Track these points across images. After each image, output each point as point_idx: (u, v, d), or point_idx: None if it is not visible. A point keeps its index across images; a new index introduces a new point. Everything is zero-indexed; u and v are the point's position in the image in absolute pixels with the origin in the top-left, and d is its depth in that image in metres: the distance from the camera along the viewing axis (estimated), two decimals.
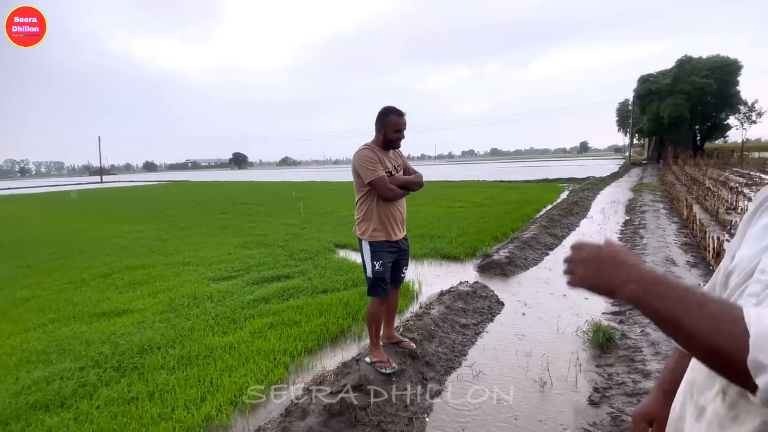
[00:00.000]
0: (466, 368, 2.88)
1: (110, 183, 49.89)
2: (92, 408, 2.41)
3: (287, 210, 12.03)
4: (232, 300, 4.15)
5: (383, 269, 2.56)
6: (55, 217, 13.35)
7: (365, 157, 2.49)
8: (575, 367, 2.81)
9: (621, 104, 56.08)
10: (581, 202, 10.75)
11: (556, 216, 8.17)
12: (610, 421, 2.24)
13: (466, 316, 3.59)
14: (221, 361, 2.89)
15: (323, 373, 2.56)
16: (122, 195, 24.11)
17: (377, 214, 2.55)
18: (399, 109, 2.55)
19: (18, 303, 4.51)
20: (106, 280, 5.12)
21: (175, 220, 10.87)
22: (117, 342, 3.25)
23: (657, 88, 34.35)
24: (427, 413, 2.37)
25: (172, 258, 6.15)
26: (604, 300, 4.05)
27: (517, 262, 5.21)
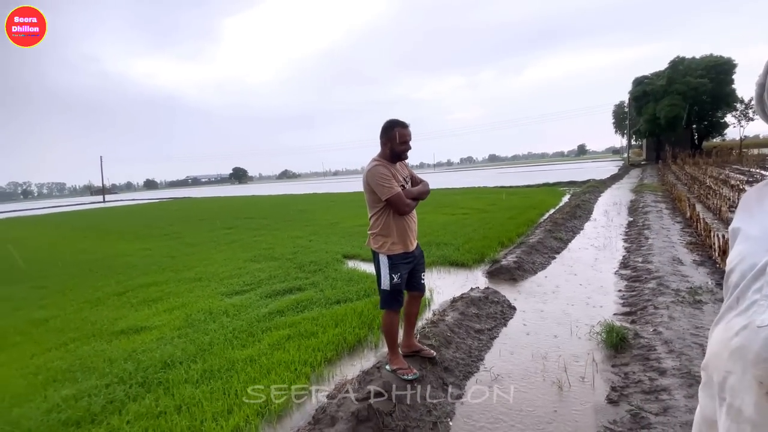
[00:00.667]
0: (484, 372, 2.93)
1: (113, 202, 50.18)
2: (123, 423, 2.47)
3: (291, 223, 12.13)
4: (247, 314, 4.21)
5: (401, 281, 2.61)
6: (62, 238, 13.47)
7: (380, 174, 2.52)
8: (591, 367, 2.86)
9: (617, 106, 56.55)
10: (583, 205, 10.84)
11: (560, 220, 8.25)
12: (630, 419, 2.29)
13: (480, 322, 3.65)
14: (244, 373, 2.95)
15: (346, 381, 2.63)
16: (126, 213, 24.27)
17: (395, 227, 2.59)
18: (403, 121, 2.61)
19: (37, 323, 4.58)
20: (121, 299, 5.20)
21: (182, 236, 10.97)
22: (139, 358, 3.32)
23: (652, 90, 34.70)
24: (450, 417, 2.43)
25: (183, 274, 6.23)
26: (614, 301, 4.12)
27: (526, 267, 5.28)
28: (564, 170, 38.36)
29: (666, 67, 35.23)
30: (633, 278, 4.69)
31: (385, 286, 2.62)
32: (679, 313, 3.50)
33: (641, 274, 4.73)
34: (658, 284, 4.25)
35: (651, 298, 3.94)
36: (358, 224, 10.50)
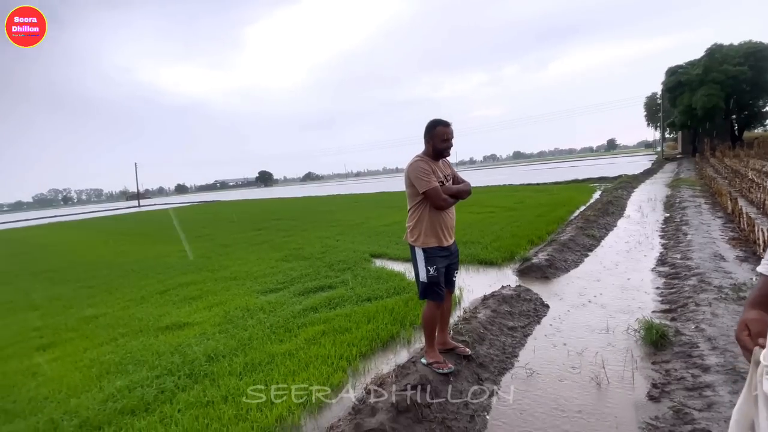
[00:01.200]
0: (519, 368, 2.94)
1: (147, 207, 52.42)
2: (174, 411, 2.63)
3: (318, 224, 12.35)
4: (282, 310, 4.36)
5: (437, 273, 2.67)
6: (103, 241, 14.22)
7: (420, 168, 2.62)
8: (630, 364, 2.81)
9: (649, 98, 54.33)
10: (616, 201, 10.52)
11: (591, 217, 8.05)
12: (673, 415, 2.25)
13: (513, 319, 3.64)
14: (283, 366, 3.07)
15: (383, 375, 2.69)
16: (160, 217, 25.32)
17: (429, 221, 2.67)
18: (445, 120, 2.70)
19: (87, 320, 4.89)
20: (164, 297, 5.48)
21: (215, 238, 11.38)
22: (185, 352, 3.50)
23: (687, 80, 33.12)
24: (486, 411, 2.45)
25: (219, 274, 6.49)
26: (652, 299, 4.01)
27: (558, 265, 5.20)
28: (593, 166, 37.19)
29: (702, 56, 33.56)
30: (672, 275, 4.55)
31: (423, 278, 2.70)
32: (723, 310, 3.38)
33: (681, 270, 4.58)
34: (699, 281, 4.11)
35: (692, 295, 3.81)
36: (382, 224, 10.59)
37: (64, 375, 3.41)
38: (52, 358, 3.84)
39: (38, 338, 4.50)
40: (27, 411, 2.86)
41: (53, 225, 30.49)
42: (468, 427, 2.27)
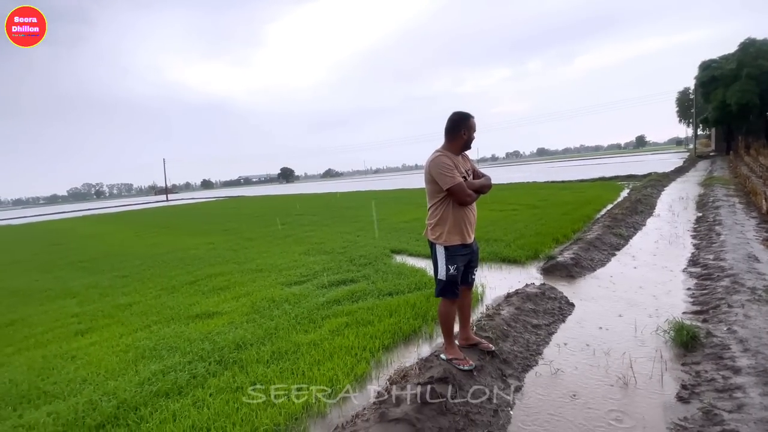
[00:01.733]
0: (543, 366, 2.92)
1: (175, 201, 54.13)
2: (206, 395, 2.75)
3: (339, 219, 12.48)
4: (307, 302, 4.46)
5: (457, 272, 2.66)
6: (135, 234, 14.80)
7: (442, 164, 2.56)
8: (659, 365, 2.75)
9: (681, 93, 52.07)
10: (645, 199, 10.19)
11: (619, 215, 7.84)
12: (702, 416, 2.20)
13: (537, 317, 3.61)
14: (308, 355, 3.15)
15: (406, 368, 2.73)
16: (187, 211, 26.12)
17: (453, 218, 2.63)
18: (469, 113, 2.68)
19: (122, 308, 5.13)
20: (193, 287, 5.68)
21: (240, 232, 11.68)
22: (215, 340, 3.64)
23: (721, 74, 31.54)
24: (510, 407, 2.46)
25: (245, 266, 6.68)
26: (683, 300, 3.89)
27: (583, 264, 5.10)
28: (621, 163, 36.03)
29: (736, 50, 31.89)
30: (703, 276, 4.40)
31: (441, 275, 2.68)
32: (756, 312, 3.26)
33: (713, 271, 4.43)
34: (732, 282, 3.96)
35: (724, 296, 3.69)
36: (402, 220, 10.61)
37: (101, 359, 3.59)
38: (90, 343, 4.04)
39: (76, 324, 4.74)
40: (67, 392, 3.03)
41: (87, 217, 31.90)
42: (492, 422, 2.29)
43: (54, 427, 2.57)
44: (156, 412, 2.65)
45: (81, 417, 2.65)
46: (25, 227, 27.12)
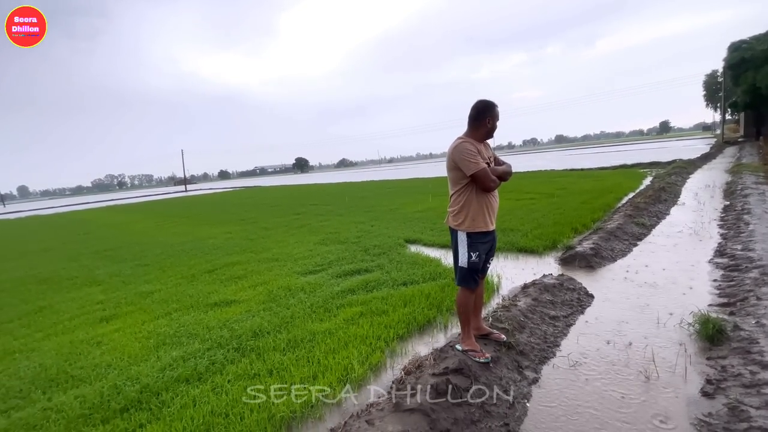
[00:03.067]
0: (561, 358, 2.87)
1: (193, 191, 55.19)
2: (225, 381, 2.81)
3: (353, 209, 12.50)
4: (322, 291, 4.49)
5: (479, 260, 2.64)
6: (155, 223, 15.17)
7: (466, 150, 2.54)
8: (683, 359, 2.67)
9: (708, 76, 49.88)
10: (669, 187, 9.84)
11: (641, 204, 7.59)
12: (728, 412, 2.12)
13: (555, 308, 3.54)
14: (324, 344, 3.18)
15: (421, 358, 2.73)
16: (206, 201, 26.60)
17: (477, 204, 2.61)
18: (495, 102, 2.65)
19: (144, 296, 5.27)
20: (212, 276, 5.80)
21: (257, 221, 11.83)
22: (233, 327, 3.71)
23: (752, 56, 29.90)
24: (527, 399, 2.43)
25: (262, 255, 6.77)
26: (708, 291, 3.76)
27: (604, 254, 4.98)
28: (644, 150, 34.88)
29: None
30: (731, 267, 4.23)
31: (463, 263, 2.66)
32: None
33: (741, 262, 4.25)
34: (762, 273, 3.80)
35: (753, 288, 3.54)
36: (416, 210, 10.55)
37: (125, 345, 3.71)
38: (114, 329, 4.18)
39: (101, 311, 4.90)
40: (92, 377, 3.14)
41: (110, 208, 32.85)
42: (507, 413, 2.26)
43: (81, 410, 2.67)
44: (177, 397, 2.72)
45: (106, 401, 2.74)
46: (53, 217, 28.13)
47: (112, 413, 2.61)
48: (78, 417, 2.60)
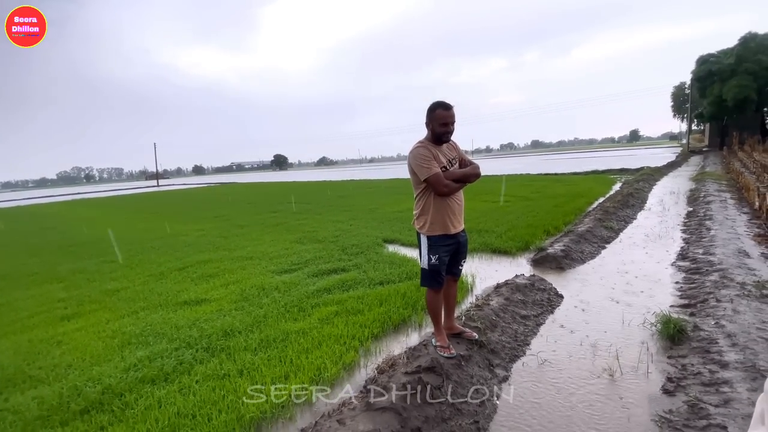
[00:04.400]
0: (530, 357, 2.93)
1: (166, 186, 53.45)
2: (192, 382, 2.72)
3: (331, 208, 12.41)
4: (297, 290, 4.43)
5: (439, 263, 2.65)
6: (124, 219, 14.61)
7: (419, 155, 2.55)
8: (645, 357, 2.78)
9: (677, 88, 52.26)
10: (637, 193, 10.25)
11: (610, 208, 7.88)
12: (687, 409, 2.22)
13: (526, 308, 3.62)
14: (297, 344, 3.14)
15: (394, 357, 2.73)
16: (178, 197, 25.82)
17: (434, 208, 2.62)
18: (446, 103, 2.58)
19: (110, 293, 5.07)
20: (182, 273, 5.62)
21: (231, 219, 11.57)
22: (202, 327, 3.60)
23: (718, 69, 31.65)
24: (497, 397, 2.47)
25: (235, 253, 6.62)
26: (671, 293, 3.93)
27: (574, 256, 5.13)
28: (614, 157, 36.23)
29: (735, 44, 31.96)
30: (692, 270, 4.44)
31: (424, 264, 2.69)
32: (745, 307, 3.29)
33: (702, 266, 4.47)
34: (721, 277, 4.00)
35: (713, 290, 3.72)
36: (395, 210, 10.58)
37: (87, 344, 3.55)
38: (76, 328, 3.99)
39: (63, 309, 4.68)
40: (51, 377, 2.99)
41: (76, 201, 31.42)
42: (478, 411, 2.29)
43: (39, 411, 2.54)
44: (141, 398, 2.62)
45: (66, 402, 2.62)
46: (14, 210, 26.67)
47: (72, 415, 2.49)
48: (36, 419, 2.47)
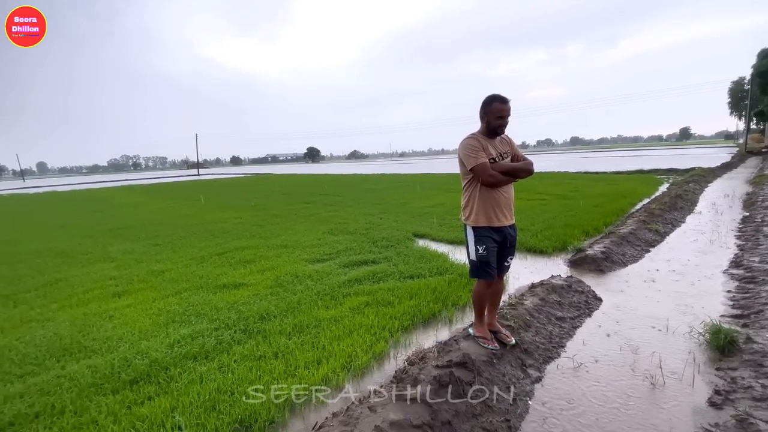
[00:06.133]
0: (565, 359, 2.86)
1: (205, 176, 55.71)
2: (231, 361, 2.86)
3: (362, 201, 12.51)
4: (329, 279, 4.53)
5: (487, 253, 2.63)
6: (168, 205, 15.39)
7: (468, 146, 2.59)
8: (691, 367, 2.64)
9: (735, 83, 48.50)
10: (686, 195, 9.65)
11: (656, 210, 7.46)
12: (735, 424, 2.10)
13: (562, 309, 3.52)
14: (329, 331, 3.21)
15: (425, 350, 2.74)
16: (217, 186, 26.86)
17: (480, 199, 2.63)
18: (503, 96, 2.58)
19: (156, 274, 5.37)
20: (221, 258, 5.88)
21: (267, 208, 11.93)
22: (240, 309, 3.76)
23: None
24: (529, 397, 2.43)
25: (270, 241, 6.83)
26: (721, 302, 3.69)
27: (614, 258, 4.91)
28: (662, 156, 34.18)
29: None
30: (747, 279, 4.15)
31: (472, 256, 2.69)
32: None
33: (758, 275, 4.16)
34: None
35: None
36: (426, 205, 10.52)
37: (136, 320, 3.79)
38: (126, 305, 4.27)
39: (114, 286, 5.01)
40: (104, 349, 3.22)
41: (125, 187, 33.39)
42: (509, 410, 2.27)
43: (92, 379, 2.75)
44: (184, 373, 2.78)
45: (117, 372, 2.82)
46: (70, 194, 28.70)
47: (122, 384, 2.68)
48: (89, 386, 2.67)
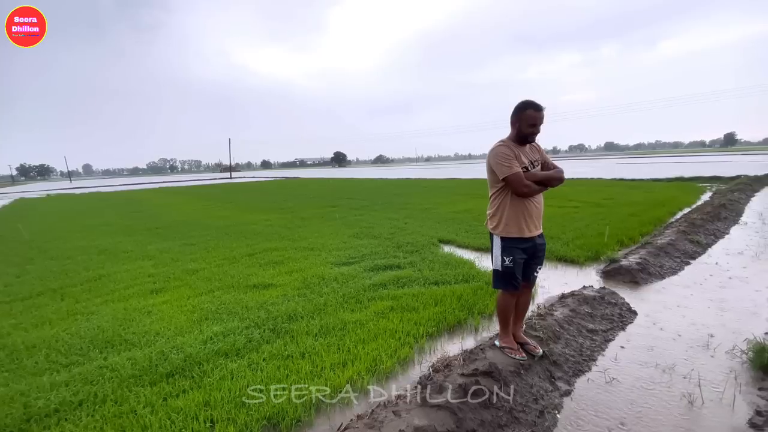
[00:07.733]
0: (596, 373, 2.77)
1: (237, 179, 57.57)
2: (260, 359, 2.95)
3: (388, 205, 12.56)
4: (354, 283, 4.58)
5: (513, 265, 2.59)
6: (202, 206, 16.00)
7: (500, 154, 2.52)
8: (732, 387, 2.50)
9: None
10: (731, 205, 9.12)
11: (697, 220, 7.10)
12: None
13: (594, 322, 3.41)
14: (354, 334, 3.26)
15: (450, 357, 2.73)
16: (249, 189, 27.70)
17: (510, 209, 2.57)
18: (537, 104, 2.52)
19: (190, 273, 5.61)
20: (251, 259, 6.06)
21: (295, 211, 12.19)
22: (269, 309, 3.88)
23: None
24: (557, 410, 2.37)
25: (298, 243, 6.99)
26: (767, 319, 3.48)
27: (651, 270, 4.71)
28: (704, 163, 32.41)
29: None
30: None
31: (496, 266, 2.64)
32: None
33: None
34: None
35: None
36: (451, 210, 10.45)
37: (172, 316, 3.97)
38: (163, 301, 4.48)
39: (152, 283, 5.26)
40: (143, 342, 3.39)
41: (163, 189, 34.95)
42: (537, 422, 2.23)
43: (132, 370, 2.91)
44: (216, 368, 2.89)
45: (154, 365, 2.96)
46: (112, 194, 30.36)
47: (159, 377, 2.82)
48: (129, 377, 2.83)
